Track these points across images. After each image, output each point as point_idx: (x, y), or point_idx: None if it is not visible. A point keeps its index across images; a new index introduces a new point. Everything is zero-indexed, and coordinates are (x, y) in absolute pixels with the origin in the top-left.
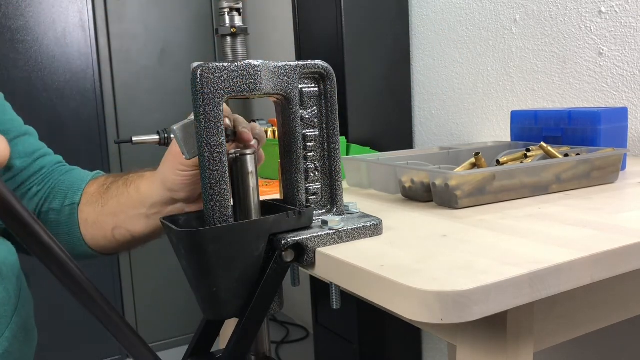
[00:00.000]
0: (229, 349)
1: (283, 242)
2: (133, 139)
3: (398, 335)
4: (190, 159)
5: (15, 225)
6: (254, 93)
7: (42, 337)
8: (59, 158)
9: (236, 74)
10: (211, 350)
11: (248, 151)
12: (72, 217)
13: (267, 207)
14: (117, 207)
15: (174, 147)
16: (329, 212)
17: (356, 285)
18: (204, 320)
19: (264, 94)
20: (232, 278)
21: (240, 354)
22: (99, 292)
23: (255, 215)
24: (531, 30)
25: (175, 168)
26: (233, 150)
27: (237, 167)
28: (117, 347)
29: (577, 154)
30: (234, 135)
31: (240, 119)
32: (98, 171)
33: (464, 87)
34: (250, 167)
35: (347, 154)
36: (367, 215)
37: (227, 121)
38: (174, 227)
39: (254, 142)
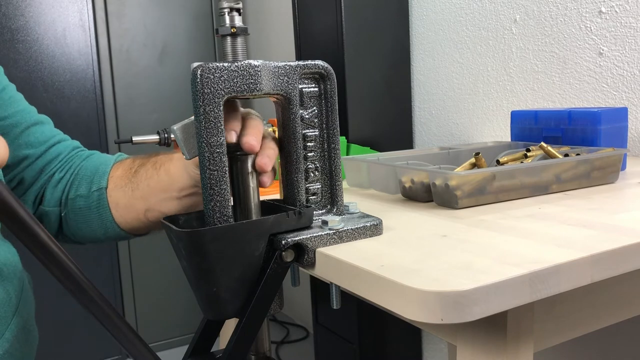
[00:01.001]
0: (228, 349)
1: (283, 242)
2: (133, 139)
3: (398, 335)
4: (190, 159)
5: (14, 226)
6: (254, 93)
7: (43, 337)
8: (77, 143)
9: (236, 74)
10: (211, 351)
11: None
12: (102, 202)
13: (267, 207)
14: (147, 191)
15: None
16: (329, 212)
17: (356, 285)
18: (204, 320)
19: (264, 94)
20: (232, 278)
21: (240, 354)
22: (99, 292)
23: (255, 215)
24: (531, 30)
25: (191, 168)
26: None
27: (237, 167)
28: (117, 347)
29: (577, 154)
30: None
31: (251, 120)
32: (120, 153)
33: (464, 87)
34: (250, 167)
35: (347, 154)
36: (367, 215)
37: (232, 137)
38: (173, 227)
39: (265, 161)
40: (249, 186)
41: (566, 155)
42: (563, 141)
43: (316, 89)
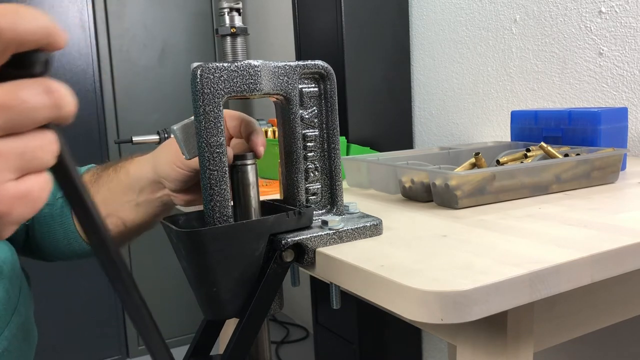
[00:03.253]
0: (228, 349)
1: (283, 242)
2: (133, 139)
3: (398, 335)
4: (190, 159)
5: (69, 191)
6: (254, 93)
7: (42, 337)
8: None
9: (236, 74)
10: (210, 354)
11: (249, 161)
12: (65, 210)
13: (267, 207)
14: (107, 195)
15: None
16: (329, 212)
17: (356, 285)
18: (204, 320)
19: (264, 94)
20: (232, 278)
21: (240, 355)
22: (135, 283)
23: (255, 215)
24: (531, 30)
25: (173, 163)
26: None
27: (237, 177)
28: (117, 347)
29: (577, 154)
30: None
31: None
32: (91, 165)
33: (464, 87)
34: (252, 177)
35: (347, 154)
36: (367, 215)
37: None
38: (174, 227)
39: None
40: (250, 196)
41: (566, 155)
42: (563, 141)
43: (316, 89)
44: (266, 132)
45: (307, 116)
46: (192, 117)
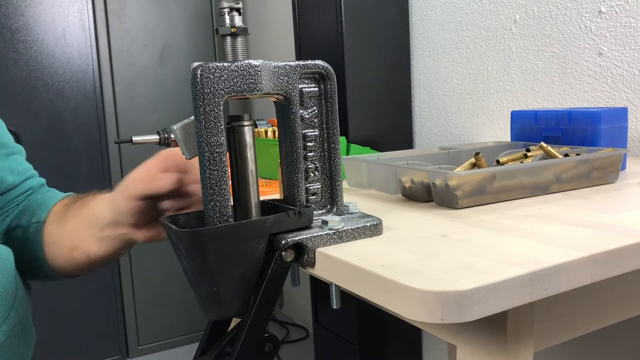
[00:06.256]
0: (234, 352)
1: (283, 242)
2: (133, 139)
3: (398, 335)
4: (190, 158)
5: None
6: (254, 93)
7: (42, 337)
8: (43, 181)
9: (236, 74)
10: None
11: (245, 122)
12: (38, 235)
13: (267, 207)
14: (73, 228)
15: (138, 171)
16: (329, 212)
17: (356, 285)
18: (210, 320)
19: (264, 94)
20: (232, 278)
21: (246, 356)
22: None
23: (255, 215)
24: (531, 30)
25: (126, 194)
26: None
27: (234, 139)
28: (117, 347)
29: (577, 154)
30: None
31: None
32: (70, 193)
33: (464, 87)
34: (249, 139)
35: (347, 154)
36: (367, 215)
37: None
38: (173, 227)
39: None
40: (246, 158)
41: (566, 155)
42: (563, 141)
43: (316, 89)
44: (266, 132)
45: (307, 116)
46: (192, 117)
